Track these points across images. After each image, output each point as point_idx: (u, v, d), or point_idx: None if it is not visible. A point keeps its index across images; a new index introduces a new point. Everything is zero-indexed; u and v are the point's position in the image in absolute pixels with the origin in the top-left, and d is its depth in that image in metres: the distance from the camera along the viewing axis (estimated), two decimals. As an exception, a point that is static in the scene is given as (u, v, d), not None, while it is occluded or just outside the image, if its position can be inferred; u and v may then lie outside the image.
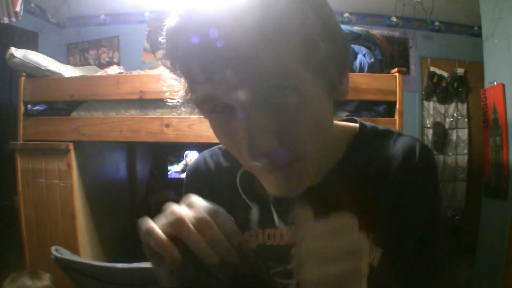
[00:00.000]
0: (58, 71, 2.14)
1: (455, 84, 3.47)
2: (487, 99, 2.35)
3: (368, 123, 0.62)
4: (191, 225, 0.40)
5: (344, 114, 1.89)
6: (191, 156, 3.76)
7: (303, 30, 0.42)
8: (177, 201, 0.45)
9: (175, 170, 4.00)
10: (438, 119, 3.50)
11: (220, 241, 0.40)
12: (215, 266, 0.39)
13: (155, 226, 0.41)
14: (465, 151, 3.49)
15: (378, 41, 2.13)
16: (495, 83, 2.25)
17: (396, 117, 1.91)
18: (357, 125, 0.62)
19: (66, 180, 2.04)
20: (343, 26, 2.23)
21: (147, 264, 1.48)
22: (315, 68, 0.44)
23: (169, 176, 3.97)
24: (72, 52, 3.60)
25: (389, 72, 2.04)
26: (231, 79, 0.40)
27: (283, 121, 0.44)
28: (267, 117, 0.43)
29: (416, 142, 0.58)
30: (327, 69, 0.46)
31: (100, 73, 2.39)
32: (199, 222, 0.40)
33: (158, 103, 2.01)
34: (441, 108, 3.50)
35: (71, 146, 2.04)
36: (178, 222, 0.40)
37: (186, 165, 3.83)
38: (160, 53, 3.44)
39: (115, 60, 3.53)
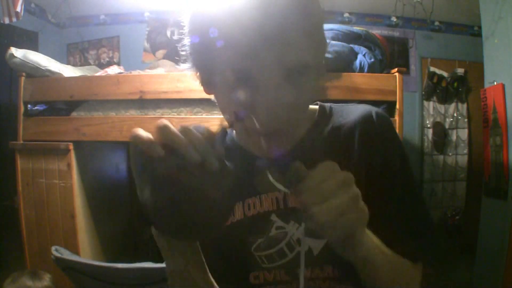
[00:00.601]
0: (58, 71, 2.14)
1: (455, 84, 3.46)
2: (487, 99, 2.35)
3: (326, 104, 0.71)
4: (175, 129, 0.43)
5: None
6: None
7: (315, 18, 0.53)
8: None
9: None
10: (438, 119, 3.49)
11: (203, 144, 0.42)
12: (196, 165, 0.41)
13: (142, 131, 0.44)
14: (465, 151, 3.48)
15: (378, 41, 2.14)
16: (495, 83, 2.25)
17: (396, 117, 1.91)
18: (316, 106, 0.71)
19: (66, 180, 2.04)
20: (343, 26, 2.23)
21: (147, 264, 1.49)
22: (319, 53, 0.56)
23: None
24: (72, 52, 3.60)
25: (389, 72, 2.04)
26: (266, 55, 0.48)
27: (295, 96, 0.52)
28: (285, 91, 0.51)
29: (371, 107, 0.68)
30: (323, 54, 0.59)
31: (100, 73, 2.39)
32: (183, 129, 0.44)
33: (158, 103, 2.01)
34: (441, 108, 3.49)
35: (71, 146, 2.04)
36: (164, 127, 0.43)
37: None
38: (160, 53, 3.44)
39: (115, 60, 3.52)
